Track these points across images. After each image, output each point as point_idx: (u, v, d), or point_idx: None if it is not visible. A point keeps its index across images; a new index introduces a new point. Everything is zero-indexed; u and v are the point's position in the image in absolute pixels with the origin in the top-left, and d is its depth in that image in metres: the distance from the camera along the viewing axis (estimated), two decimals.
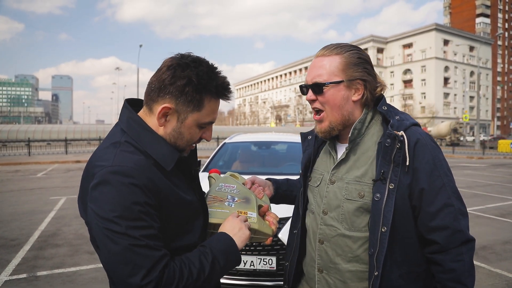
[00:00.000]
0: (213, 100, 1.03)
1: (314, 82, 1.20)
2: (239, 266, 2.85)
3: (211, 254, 0.99)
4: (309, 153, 1.39)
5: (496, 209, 7.53)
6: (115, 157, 0.93)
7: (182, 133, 1.03)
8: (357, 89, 1.20)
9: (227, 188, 1.25)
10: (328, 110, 1.20)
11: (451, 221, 1.10)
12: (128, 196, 0.88)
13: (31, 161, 17.69)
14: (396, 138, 1.11)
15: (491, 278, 4.00)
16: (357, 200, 1.17)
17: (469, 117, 36.34)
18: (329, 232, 1.23)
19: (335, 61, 1.19)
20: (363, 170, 1.18)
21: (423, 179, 1.10)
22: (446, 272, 1.10)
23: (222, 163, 4.78)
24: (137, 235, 0.87)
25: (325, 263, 1.24)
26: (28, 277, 3.91)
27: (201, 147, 28.97)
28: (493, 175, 13.56)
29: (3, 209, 7.29)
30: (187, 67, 0.98)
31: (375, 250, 1.11)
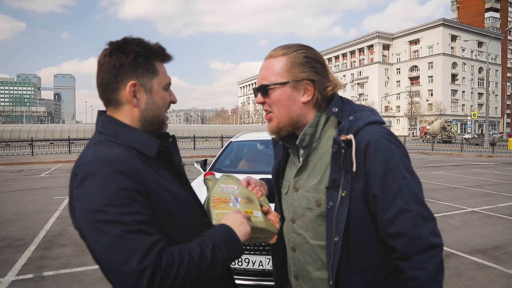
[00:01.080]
0: (160, 64, 1.07)
1: (260, 84, 1.18)
2: (248, 266, 2.83)
3: (211, 241, 0.95)
4: (279, 160, 1.35)
5: (507, 209, 7.40)
6: (95, 152, 0.93)
7: (156, 102, 1.05)
8: (306, 89, 1.14)
9: (228, 189, 1.24)
10: (275, 111, 1.17)
11: (409, 227, 1.02)
12: (113, 183, 0.86)
13: (34, 161, 17.86)
14: (339, 144, 1.05)
15: (504, 279, 3.91)
16: (315, 209, 1.14)
17: (477, 115, 36.02)
18: (298, 240, 1.21)
19: (281, 62, 1.15)
20: (319, 177, 1.14)
21: (375, 184, 1.04)
22: (408, 279, 1.04)
23: (229, 162, 4.77)
24: (127, 221, 0.83)
25: (299, 271, 1.23)
26: (35, 277, 3.91)
27: (206, 146, 29.06)
28: (503, 174, 13.38)
29: (7, 208, 7.33)
30: (126, 44, 1.00)
31: (330, 259, 1.09)
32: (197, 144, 28.21)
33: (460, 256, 4.59)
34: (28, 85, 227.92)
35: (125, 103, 1.02)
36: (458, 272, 4.07)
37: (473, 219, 6.55)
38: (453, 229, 5.86)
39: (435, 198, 8.37)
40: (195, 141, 27.32)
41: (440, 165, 16.52)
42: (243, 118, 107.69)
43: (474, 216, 6.77)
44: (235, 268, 2.86)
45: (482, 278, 3.92)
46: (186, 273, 0.87)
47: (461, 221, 6.39)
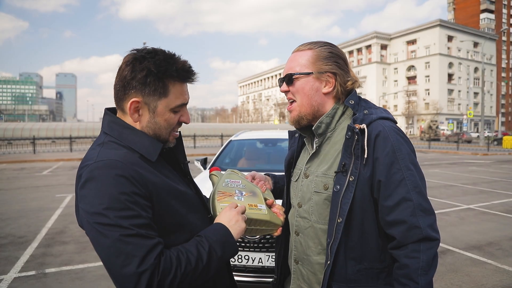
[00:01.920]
0: (177, 84, 1.05)
1: (286, 74, 1.26)
2: (248, 263, 2.87)
3: (207, 243, 0.99)
4: (293, 150, 1.43)
5: (501, 205, 7.49)
6: (98, 154, 0.96)
7: (157, 122, 1.05)
8: (328, 81, 1.22)
9: (233, 183, 1.27)
10: (298, 100, 1.24)
11: (408, 216, 1.07)
12: (114, 187, 0.89)
13: (36, 159, 17.81)
14: (353, 131, 1.12)
15: (499, 274, 3.99)
16: (322, 192, 1.20)
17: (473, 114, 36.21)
18: (303, 224, 1.27)
19: (307, 55, 1.24)
20: (329, 163, 1.21)
21: (381, 171, 1.10)
22: (400, 267, 1.08)
23: (229, 160, 4.79)
24: (126, 225, 0.87)
25: (300, 254, 1.29)
26: (37, 274, 3.94)
27: (206, 144, 29.04)
28: (498, 172, 13.48)
29: (10, 206, 7.35)
30: (144, 59, 1.00)
31: (331, 240, 1.14)
32: (197, 142, 28.18)
33: (456, 252, 4.67)
34: (30, 83, 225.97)
35: (128, 115, 1.04)
36: (454, 268, 4.15)
37: (469, 216, 6.64)
38: (449, 225, 5.94)
39: (431, 196, 8.45)
40: (195, 140, 27.29)
41: (436, 163, 16.62)
42: (243, 117, 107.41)
43: (469, 213, 6.86)
44: (235, 265, 2.89)
45: (477, 273, 3.99)
46: (183, 276, 0.91)
47: (457, 218, 6.48)
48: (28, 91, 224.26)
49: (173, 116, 1.07)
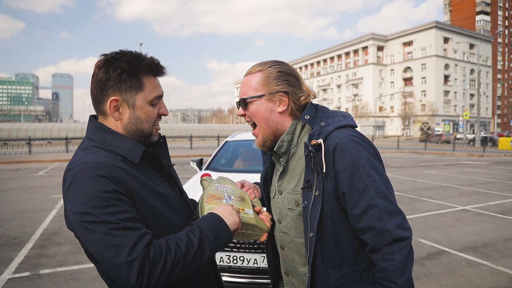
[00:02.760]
0: (150, 77, 1.10)
1: (241, 98, 1.28)
2: (243, 264, 2.87)
3: (198, 229, 1.02)
4: (266, 167, 1.45)
5: (497, 207, 7.53)
6: (81, 158, 1.00)
7: (138, 117, 1.09)
8: (281, 101, 1.24)
9: (223, 188, 1.31)
10: (256, 123, 1.27)
11: (376, 222, 1.10)
12: (96, 187, 0.93)
13: (32, 160, 17.70)
14: (308, 148, 1.15)
15: (494, 275, 4.00)
16: (294, 209, 1.24)
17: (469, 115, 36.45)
18: (285, 239, 1.31)
19: (257, 78, 1.26)
20: (296, 180, 1.25)
21: (344, 182, 1.13)
22: (378, 270, 1.12)
23: (224, 161, 4.79)
24: (112, 220, 0.91)
25: (288, 267, 1.34)
26: (31, 275, 3.92)
27: (203, 145, 29.00)
28: (493, 173, 13.56)
29: (4, 207, 7.29)
30: (115, 59, 1.05)
31: (308, 254, 1.19)
32: (193, 143, 28.19)
33: (451, 253, 4.68)
34: (26, 84, 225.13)
35: (109, 115, 1.08)
36: (449, 269, 4.16)
37: (464, 217, 6.66)
38: (445, 227, 5.96)
39: (427, 197, 8.49)
40: (191, 141, 27.27)
41: (432, 164, 16.69)
42: (239, 118, 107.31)
43: (465, 214, 6.89)
44: (230, 266, 2.88)
45: (473, 274, 4.01)
46: (174, 262, 0.94)
47: (453, 219, 6.50)
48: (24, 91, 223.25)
49: (152, 109, 1.11)
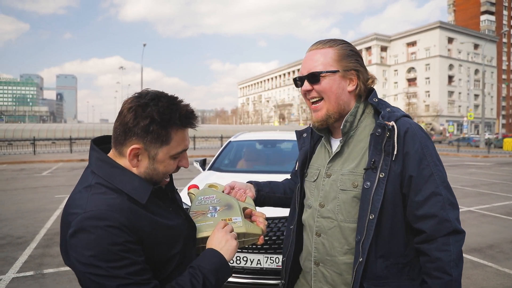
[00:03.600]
0: (180, 131, 1.03)
1: (310, 72, 1.23)
2: (246, 265, 2.86)
3: (201, 275, 1.00)
4: (305, 150, 1.41)
5: (502, 208, 7.48)
6: (87, 202, 0.94)
7: (156, 169, 1.04)
8: (351, 79, 1.24)
9: (207, 199, 1.25)
10: (325, 98, 1.23)
11: (439, 210, 1.10)
12: (106, 239, 0.88)
13: (36, 160, 17.81)
14: (385, 128, 1.14)
15: (499, 277, 3.97)
16: (351, 190, 1.20)
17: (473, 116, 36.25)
18: (326, 224, 1.25)
19: (330, 53, 1.23)
20: (356, 161, 1.21)
21: (412, 166, 1.12)
22: (432, 261, 1.10)
23: (228, 161, 4.79)
24: (122, 274, 0.88)
25: (321, 256, 1.26)
26: (35, 275, 3.94)
27: (206, 146, 29.05)
28: (498, 174, 13.47)
29: (9, 207, 7.33)
30: (147, 106, 0.98)
31: (362, 237, 1.13)
32: (197, 144, 28.24)
33: None
34: (30, 85, 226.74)
35: (126, 158, 1.02)
36: None
37: (469, 218, 6.62)
38: None
39: None
40: (195, 141, 27.34)
41: None
42: (242, 118, 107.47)
43: (470, 215, 6.85)
44: (234, 267, 2.88)
45: (478, 276, 3.98)
46: None
47: None
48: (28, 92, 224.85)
49: (172, 163, 1.06)
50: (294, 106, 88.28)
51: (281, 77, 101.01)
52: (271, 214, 2.93)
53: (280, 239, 2.87)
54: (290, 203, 1.58)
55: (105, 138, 1.14)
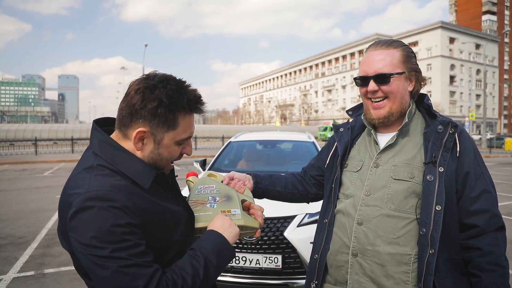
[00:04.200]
0: (187, 116, 1.01)
1: (378, 73, 1.25)
2: (246, 265, 2.87)
3: (202, 256, 0.98)
4: (345, 142, 1.44)
5: (503, 208, 7.46)
6: (90, 183, 0.91)
7: (161, 154, 1.02)
8: (411, 80, 1.30)
9: (207, 189, 1.23)
10: (391, 99, 1.27)
11: (491, 206, 1.18)
12: (109, 220, 0.86)
13: (38, 160, 17.84)
14: (449, 124, 1.22)
15: None
16: (407, 181, 1.22)
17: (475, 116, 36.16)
18: (370, 213, 1.24)
19: (396, 54, 1.27)
20: (412, 154, 1.26)
21: (468, 163, 1.20)
22: (484, 255, 1.15)
23: (228, 161, 4.79)
24: (124, 255, 0.86)
25: (362, 246, 1.24)
26: (36, 275, 3.95)
27: (208, 146, 29.04)
28: (500, 174, 13.44)
29: (10, 207, 7.36)
30: (155, 88, 0.95)
31: (428, 229, 1.15)
32: (198, 144, 28.24)
33: None
34: (32, 85, 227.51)
35: (131, 140, 0.99)
36: None
37: None
38: None
39: None
40: (196, 141, 27.33)
41: None
42: (244, 118, 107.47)
43: None
44: (233, 266, 2.88)
45: None
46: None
47: None
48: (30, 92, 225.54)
49: (177, 149, 1.04)
50: (295, 106, 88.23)
51: (282, 77, 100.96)
52: (270, 214, 2.94)
53: (279, 239, 2.87)
54: (290, 198, 1.57)
55: (108, 120, 1.11)
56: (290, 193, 1.56)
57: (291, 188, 1.56)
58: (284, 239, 2.86)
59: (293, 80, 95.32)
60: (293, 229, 2.91)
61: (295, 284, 2.83)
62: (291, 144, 5.17)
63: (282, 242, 2.86)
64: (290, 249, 2.85)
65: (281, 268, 2.84)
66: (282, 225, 2.93)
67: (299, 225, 2.94)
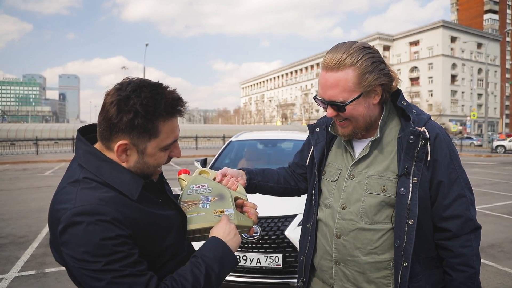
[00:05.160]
0: (168, 121, 0.97)
1: (332, 101, 1.17)
2: (246, 264, 2.86)
3: (203, 263, 0.97)
4: (322, 147, 1.38)
5: (504, 207, 7.45)
6: (76, 197, 0.90)
7: (146, 163, 0.99)
8: (376, 93, 1.20)
9: (199, 188, 1.20)
10: (353, 121, 1.21)
11: (464, 211, 1.16)
12: (98, 234, 0.86)
13: (39, 160, 17.88)
14: (420, 135, 1.14)
15: (500, 276, 3.96)
16: (379, 194, 1.20)
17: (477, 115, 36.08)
18: (347, 226, 1.24)
19: (349, 75, 1.12)
20: (384, 165, 1.21)
21: (442, 172, 1.16)
22: (456, 256, 1.17)
23: (228, 161, 4.79)
24: (117, 267, 0.86)
25: (342, 256, 1.27)
26: (37, 274, 3.96)
27: (209, 145, 29.08)
28: (501, 173, 13.42)
29: (11, 206, 7.38)
30: (129, 99, 0.91)
31: (402, 242, 1.15)
32: (199, 143, 28.29)
33: None
34: (33, 85, 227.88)
35: (115, 153, 0.97)
36: None
37: None
38: None
39: None
40: (197, 141, 27.38)
41: None
42: (245, 118, 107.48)
43: None
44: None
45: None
46: None
47: None
48: (31, 92, 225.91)
49: (163, 155, 1.01)
50: (296, 105, 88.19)
51: (283, 77, 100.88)
52: (271, 213, 2.94)
53: (280, 238, 2.87)
54: (282, 192, 1.56)
55: (92, 127, 1.08)
56: (283, 187, 1.55)
57: (283, 183, 1.55)
58: (285, 238, 2.86)
59: (294, 79, 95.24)
60: (294, 228, 2.91)
61: (296, 283, 2.82)
62: (292, 143, 5.16)
63: (283, 241, 2.86)
64: (291, 248, 2.85)
65: (281, 267, 2.84)
66: (283, 224, 2.93)
67: (299, 224, 2.94)
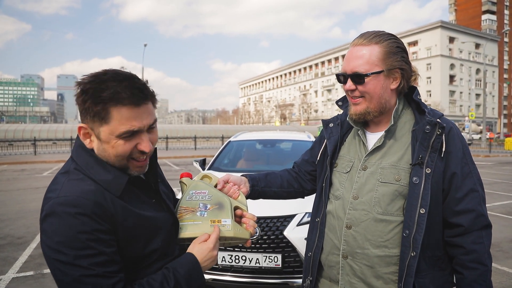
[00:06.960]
0: (123, 109, 0.93)
1: (354, 72, 1.20)
2: (245, 264, 2.86)
3: (174, 279, 0.97)
4: (335, 140, 1.39)
5: (502, 207, 7.46)
6: (62, 188, 0.93)
7: (105, 150, 0.97)
8: (395, 77, 1.22)
9: (198, 195, 1.18)
10: (367, 98, 1.22)
11: (476, 205, 1.16)
12: (75, 226, 0.87)
13: (37, 160, 17.83)
14: (436, 125, 1.17)
15: (498, 276, 3.97)
16: (393, 183, 1.20)
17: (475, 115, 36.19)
18: (359, 217, 1.24)
19: (375, 51, 1.19)
20: (398, 155, 1.22)
21: (455, 164, 1.17)
22: (467, 253, 1.15)
23: (227, 161, 4.79)
24: (85, 265, 0.86)
25: (351, 249, 1.25)
26: (35, 275, 3.95)
27: (207, 146, 29.07)
28: (499, 173, 13.43)
29: (10, 207, 7.36)
30: (88, 83, 0.93)
31: (411, 232, 1.14)
32: (198, 144, 28.30)
33: None
34: (31, 85, 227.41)
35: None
36: None
37: None
38: None
39: None
40: (196, 141, 27.36)
41: None
42: (244, 118, 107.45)
43: None
44: (232, 266, 2.88)
45: None
46: None
47: None
48: (29, 92, 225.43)
49: (123, 143, 0.96)
50: (295, 106, 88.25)
51: (282, 77, 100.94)
52: (270, 213, 2.94)
53: (279, 238, 2.87)
54: (286, 196, 1.55)
55: None
56: (286, 191, 1.54)
57: (286, 187, 1.54)
58: (284, 238, 2.86)
59: (293, 79, 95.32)
60: (293, 228, 2.91)
61: (295, 283, 2.82)
62: (291, 143, 5.17)
63: (282, 241, 2.86)
64: (290, 248, 2.85)
65: (280, 267, 2.84)
66: (282, 224, 2.93)
67: (298, 224, 2.94)
